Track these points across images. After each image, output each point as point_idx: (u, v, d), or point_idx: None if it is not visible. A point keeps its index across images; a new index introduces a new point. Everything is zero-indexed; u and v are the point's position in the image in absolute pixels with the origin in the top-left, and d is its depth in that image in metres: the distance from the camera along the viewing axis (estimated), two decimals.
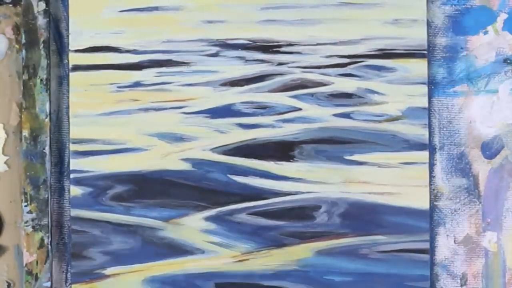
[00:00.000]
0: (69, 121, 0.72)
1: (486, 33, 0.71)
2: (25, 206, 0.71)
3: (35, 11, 0.71)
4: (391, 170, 0.70)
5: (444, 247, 0.71)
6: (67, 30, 0.72)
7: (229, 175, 0.71)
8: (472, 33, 0.71)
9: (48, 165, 0.71)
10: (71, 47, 0.72)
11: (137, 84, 0.72)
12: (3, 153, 0.73)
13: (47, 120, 0.71)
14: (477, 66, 0.71)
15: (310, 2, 0.71)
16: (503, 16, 0.71)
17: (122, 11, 0.72)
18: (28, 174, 0.71)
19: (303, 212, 0.71)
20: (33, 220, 0.71)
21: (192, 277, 0.71)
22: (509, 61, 0.71)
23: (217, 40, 0.71)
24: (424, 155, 0.70)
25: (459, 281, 0.71)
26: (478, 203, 0.71)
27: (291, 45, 0.71)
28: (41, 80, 0.71)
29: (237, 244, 0.71)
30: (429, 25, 0.71)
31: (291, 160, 0.71)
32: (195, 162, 0.71)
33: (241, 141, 0.71)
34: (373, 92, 0.71)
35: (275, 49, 0.71)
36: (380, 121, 0.71)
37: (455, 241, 0.71)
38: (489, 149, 0.71)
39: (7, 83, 0.73)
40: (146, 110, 0.72)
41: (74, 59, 0.72)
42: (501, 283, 0.71)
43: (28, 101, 0.71)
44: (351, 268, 0.70)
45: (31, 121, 0.71)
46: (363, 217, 0.70)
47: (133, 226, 0.71)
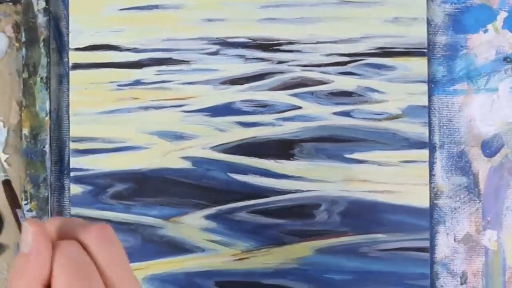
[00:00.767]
0: (69, 120, 0.72)
1: (486, 31, 0.71)
2: (25, 204, 0.71)
3: (35, 10, 0.71)
4: (391, 168, 0.70)
5: (444, 246, 0.71)
6: (67, 28, 0.72)
7: (229, 174, 0.71)
8: (472, 31, 0.71)
9: (48, 164, 0.71)
10: (71, 46, 0.72)
11: (137, 82, 0.72)
12: (3, 152, 0.73)
13: (47, 118, 0.71)
14: (477, 64, 0.71)
15: (310, 0, 0.71)
16: (503, 14, 0.71)
17: (122, 10, 0.72)
18: (28, 172, 0.71)
19: (303, 210, 0.71)
20: (33, 218, 0.70)
21: (192, 276, 0.71)
22: (509, 60, 0.71)
23: (217, 38, 0.71)
24: (424, 153, 0.70)
25: (459, 279, 0.71)
26: (478, 201, 0.71)
27: (291, 43, 0.71)
28: (41, 78, 0.71)
29: (237, 242, 0.71)
30: (429, 23, 0.71)
31: (291, 158, 0.71)
32: (195, 160, 0.71)
33: (241, 140, 0.71)
34: (373, 90, 0.71)
35: (275, 48, 0.71)
36: (380, 120, 0.71)
37: (455, 240, 0.71)
38: (489, 148, 0.71)
39: (7, 82, 0.73)
40: (146, 108, 0.72)
41: (74, 57, 0.72)
42: (501, 282, 0.71)
43: (28, 99, 0.71)
44: (351, 266, 0.70)
45: (31, 119, 0.71)
46: (363, 215, 0.70)
47: (133, 224, 0.71)
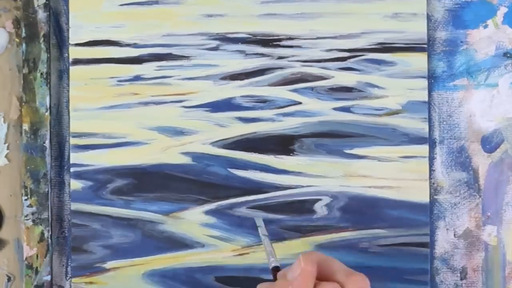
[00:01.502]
0: (69, 115, 0.72)
1: (486, 27, 0.71)
2: (25, 200, 0.71)
3: (35, 5, 0.71)
4: (391, 164, 0.70)
5: (444, 241, 0.71)
6: (67, 24, 0.72)
7: (229, 169, 0.71)
8: (472, 27, 0.71)
9: (48, 159, 0.71)
10: (71, 41, 0.72)
11: (137, 78, 0.72)
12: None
13: (47, 114, 0.71)
14: (477, 60, 0.71)
15: None
16: (503, 10, 0.71)
17: (122, 5, 0.72)
18: (28, 168, 0.71)
19: (303, 206, 0.71)
20: (33, 214, 0.71)
21: (192, 271, 0.71)
22: (509, 55, 0.71)
23: (217, 34, 0.71)
24: (424, 149, 0.70)
25: (459, 274, 0.71)
26: (478, 197, 0.71)
27: (291, 39, 0.71)
28: (41, 74, 0.71)
29: (237, 238, 0.71)
30: (429, 19, 0.71)
31: (291, 154, 0.71)
32: (195, 156, 0.71)
33: (241, 135, 0.71)
34: (373, 86, 0.71)
35: (275, 43, 0.71)
36: (380, 115, 0.71)
37: (455, 235, 0.71)
38: (489, 143, 0.71)
39: (7, 77, 0.73)
40: (146, 104, 0.72)
41: (74, 53, 0.72)
42: (501, 277, 0.71)
43: (28, 95, 0.71)
44: (351, 261, 0.70)
45: (31, 114, 0.71)
46: (363, 211, 0.70)
47: (133, 220, 0.71)
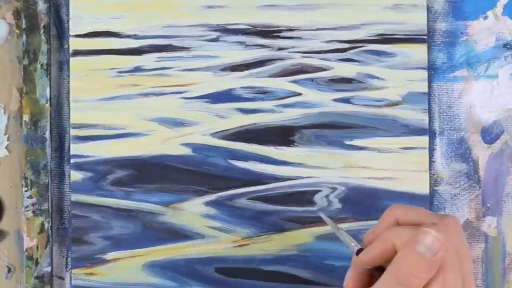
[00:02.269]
0: (69, 106, 0.72)
1: (486, 18, 0.71)
2: (26, 191, 0.71)
3: None
4: (391, 155, 0.70)
5: None
6: (68, 15, 0.72)
7: (229, 160, 0.71)
8: (472, 18, 0.71)
9: (48, 150, 0.71)
10: (72, 32, 0.72)
11: (138, 69, 0.72)
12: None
13: (48, 105, 0.71)
14: (477, 51, 0.71)
15: None
16: (503, 1, 0.71)
17: None
18: (28, 159, 0.71)
19: (303, 197, 0.71)
20: (33, 205, 0.71)
21: (192, 262, 0.71)
22: (509, 46, 0.71)
23: (217, 25, 0.71)
24: (424, 140, 0.70)
25: None
26: (478, 188, 0.71)
27: (291, 30, 0.71)
28: (42, 65, 0.71)
29: (237, 229, 0.71)
30: (429, 10, 0.71)
31: (291, 145, 0.71)
32: (195, 147, 0.71)
33: (241, 126, 0.71)
34: (373, 77, 0.71)
35: (275, 34, 0.71)
36: (380, 106, 0.71)
37: None
38: (489, 134, 0.71)
39: (8, 68, 0.73)
40: (146, 95, 0.72)
41: (74, 44, 0.72)
42: (500, 268, 0.71)
43: (28, 86, 0.71)
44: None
45: (31, 106, 0.71)
46: (363, 202, 0.70)
47: (133, 211, 0.71)
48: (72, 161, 0.72)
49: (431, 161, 0.71)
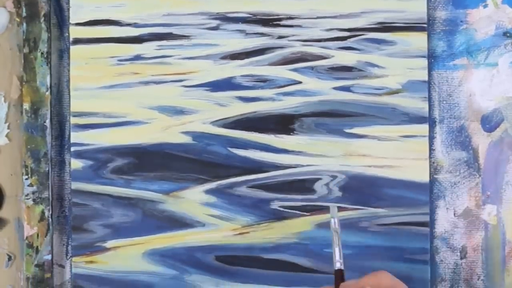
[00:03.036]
0: (69, 94, 0.72)
1: (485, 6, 0.71)
2: (26, 179, 0.71)
3: None
4: (391, 143, 0.70)
5: (444, 220, 0.71)
6: (68, 3, 0.72)
7: (229, 148, 0.71)
8: (471, 6, 0.71)
9: (48, 138, 0.71)
10: (72, 21, 0.72)
11: (138, 57, 0.72)
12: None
13: (48, 93, 0.71)
14: (476, 39, 0.71)
15: None
16: None
17: None
18: (28, 147, 0.71)
19: (303, 185, 0.71)
20: (33, 193, 0.71)
21: (192, 250, 0.71)
22: (508, 35, 0.71)
23: (218, 13, 0.71)
24: (424, 128, 0.70)
25: (459, 254, 0.71)
26: (478, 176, 0.71)
27: (291, 18, 0.71)
28: (42, 53, 0.71)
29: (237, 217, 0.71)
30: None
31: (291, 133, 0.71)
32: (196, 135, 0.71)
33: (242, 114, 0.71)
34: (373, 65, 0.71)
35: (275, 23, 0.71)
36: (380, 95, 0.71)
37: (454, 214, 0.71)
38: (489, 122, 0.71)
39: (8, 57, 0.73)
40: (146, 83, 0.72)
41: (74, 32, 0.72)
42: (500, 256, 0.71)
43: (29, 74, 0.71)
44: (351, 241, 0.70)
45: (31, 94, 0.71)
46: (363, 190, 0.71)
47: (133, 199, 0.71)
48: (72, 149, 0.72)
49: (431, 149, 0.71)
